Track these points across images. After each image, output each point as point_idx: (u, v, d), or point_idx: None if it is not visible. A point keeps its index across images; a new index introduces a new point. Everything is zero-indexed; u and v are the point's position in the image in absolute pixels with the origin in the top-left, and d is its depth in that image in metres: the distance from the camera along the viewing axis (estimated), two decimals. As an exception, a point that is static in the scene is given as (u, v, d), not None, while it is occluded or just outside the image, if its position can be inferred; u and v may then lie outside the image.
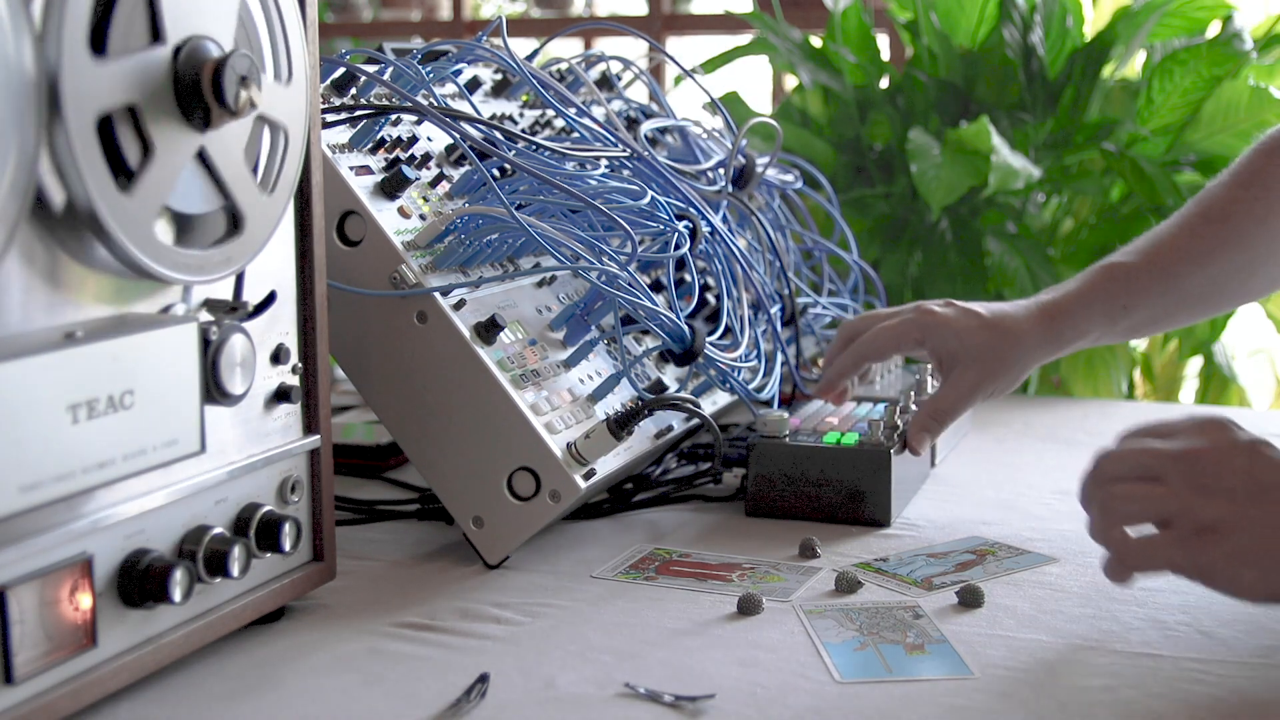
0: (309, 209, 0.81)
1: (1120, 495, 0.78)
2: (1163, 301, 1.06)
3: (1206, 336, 1.83)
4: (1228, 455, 0.77)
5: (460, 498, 0.92)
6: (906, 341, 1.08)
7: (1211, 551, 0.75)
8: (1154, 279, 1.05)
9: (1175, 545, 0.76)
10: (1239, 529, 0.75)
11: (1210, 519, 0.75)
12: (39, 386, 0.59)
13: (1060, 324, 1.06)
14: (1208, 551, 0.76)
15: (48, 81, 0.59)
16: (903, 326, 1.08)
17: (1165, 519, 0.77)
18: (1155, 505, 0.77)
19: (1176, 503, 0.77)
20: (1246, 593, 0.76)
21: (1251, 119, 1.66)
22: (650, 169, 1.12)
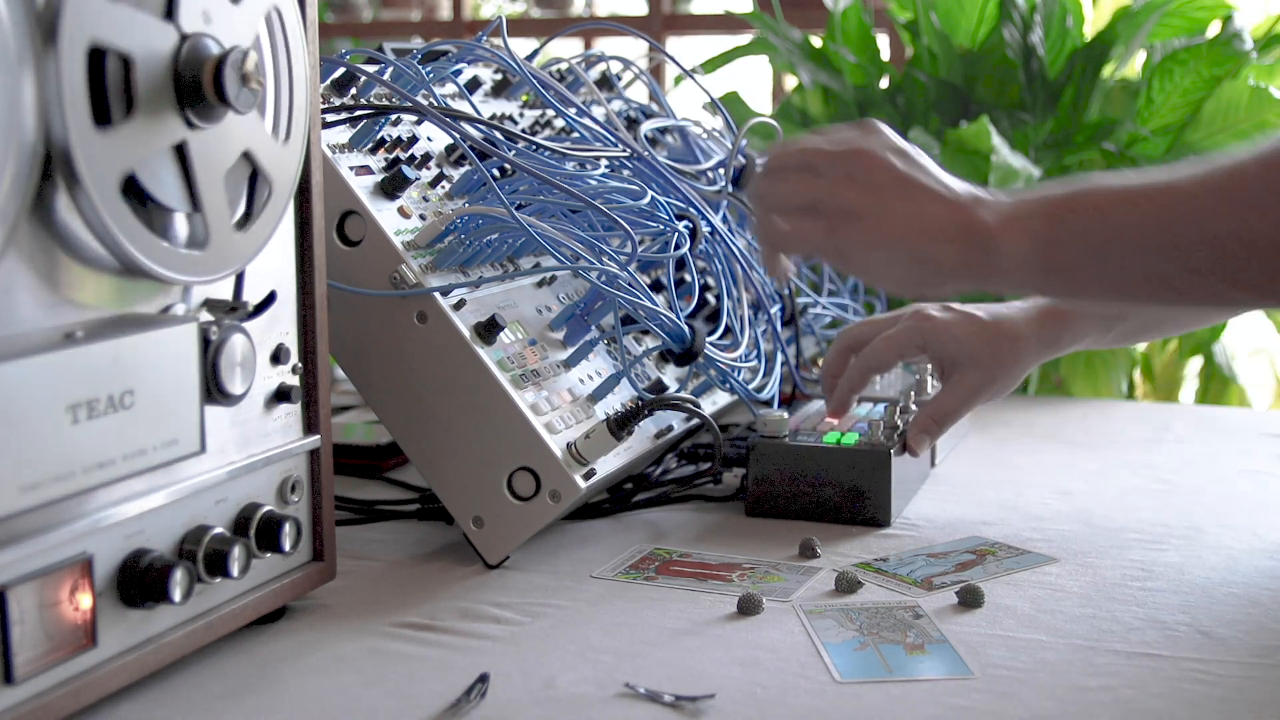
0: (309, 209, 0.81)
1: (778, 186, 0.87)
2: (1152, 311, 1.06)
3: (1206, 336, 1.84)
4: (880, 153, 0.86)
5: (460, 498, 0.92)
6: (909, 349, 1.09)
7: (849, 233, 0.85)
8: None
9: (818, 228, 0.86)
10: (877, 215, 0.84)
11: (853, 205, 0.85)
12: (39, 386, 0.59)
13: (1059, 328, 1.06)
14: (846, 234, 0.85)
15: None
16: (905, 335, 1.08)
17: (814, 205, 0.86)
18: (806, 193, 0.86)
19: (825, 189, 0.86)
20: (877, 274, 0.86)
21: (1251, 119, 1.66)
22: (650, 169, 1.12)
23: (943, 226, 0.85)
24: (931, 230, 0.85)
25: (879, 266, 0.85)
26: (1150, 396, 2.13)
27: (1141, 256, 0.82)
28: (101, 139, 0.63)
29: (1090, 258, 0.83)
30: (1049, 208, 0.84)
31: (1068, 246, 0.83)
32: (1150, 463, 1.24)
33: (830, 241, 0.85)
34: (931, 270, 0.85)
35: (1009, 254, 0.84)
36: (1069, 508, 1.09)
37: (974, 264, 0.85)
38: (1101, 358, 1.77)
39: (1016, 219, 0.84)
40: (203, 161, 0.69)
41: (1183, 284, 0.82)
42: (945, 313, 1.08)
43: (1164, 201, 0.81)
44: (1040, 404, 1.54)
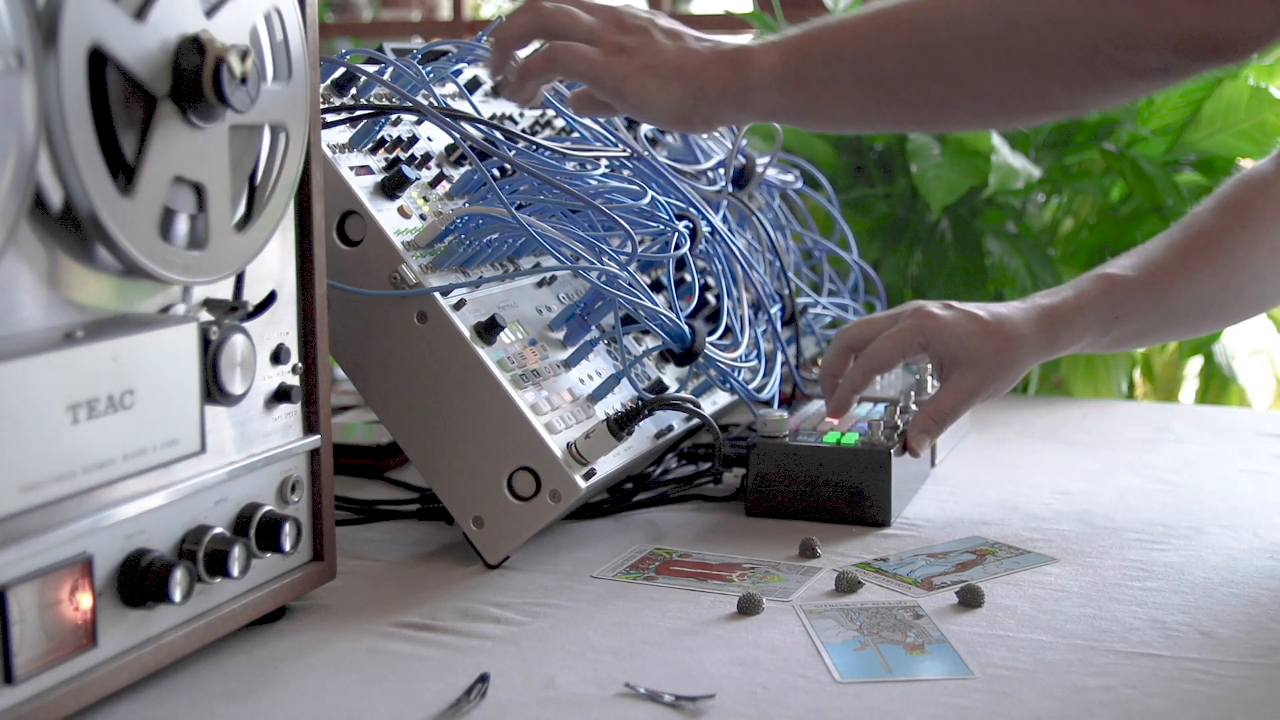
0: (309, 209, 0.81)
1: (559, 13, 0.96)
2: (1151, 317, 1.07)
3: (1207, 337, 1.83)
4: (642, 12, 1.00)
5: (460, 498, 0.92)
6: (911, 348, 1.09)
7: (626, 65, 0.95)
8: (1146, 295, 1.06)
9: (598, 54, 0.95)
10: (649, 50, 0.96)
11: (628, 43, 0.96)
12: (39, 386, 0.59)
13: (1057, 329, 1.06)
14: (621, 65, 0.95)
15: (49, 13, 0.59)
16: (905, 334, 1.08)
17: (592, 40, 0.96)
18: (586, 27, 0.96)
19: (602, 29, 0.96)
20: (649, 100, 0.96)
21: (1251, 119, 1.65)
22: (650, 169, 1.12)
23: (707, 54, 0.97)
24: (698, 56, 0.97)
25: (651, 93, 0.96)
26: (1150, 396, 2.13)
27: (868, 58, 0.95)
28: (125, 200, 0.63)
29: (828, 66, 0.97)
30: (797, 31, 0.98)
31: (810, 56, 0.97)
32: (1150, 463, 1.24)
33: (608, 71, 0.94)
34: (697, 93, 0.96)
35: (762, 67, 0.97)
36: (1069, 508, 1.09)
37: (734, 83, 0.97)
38: (1101, 357, 1.78)
39: (770, 43, 0.98)
40: (202, 162, 0.69)
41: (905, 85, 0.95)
42: (946, 311, 1.08)
43: (886, 9, 0.95)
44: (1040, 404, 1.54)
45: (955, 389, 1.07)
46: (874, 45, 0.96)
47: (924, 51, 0.94)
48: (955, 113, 1.00)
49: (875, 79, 0.96)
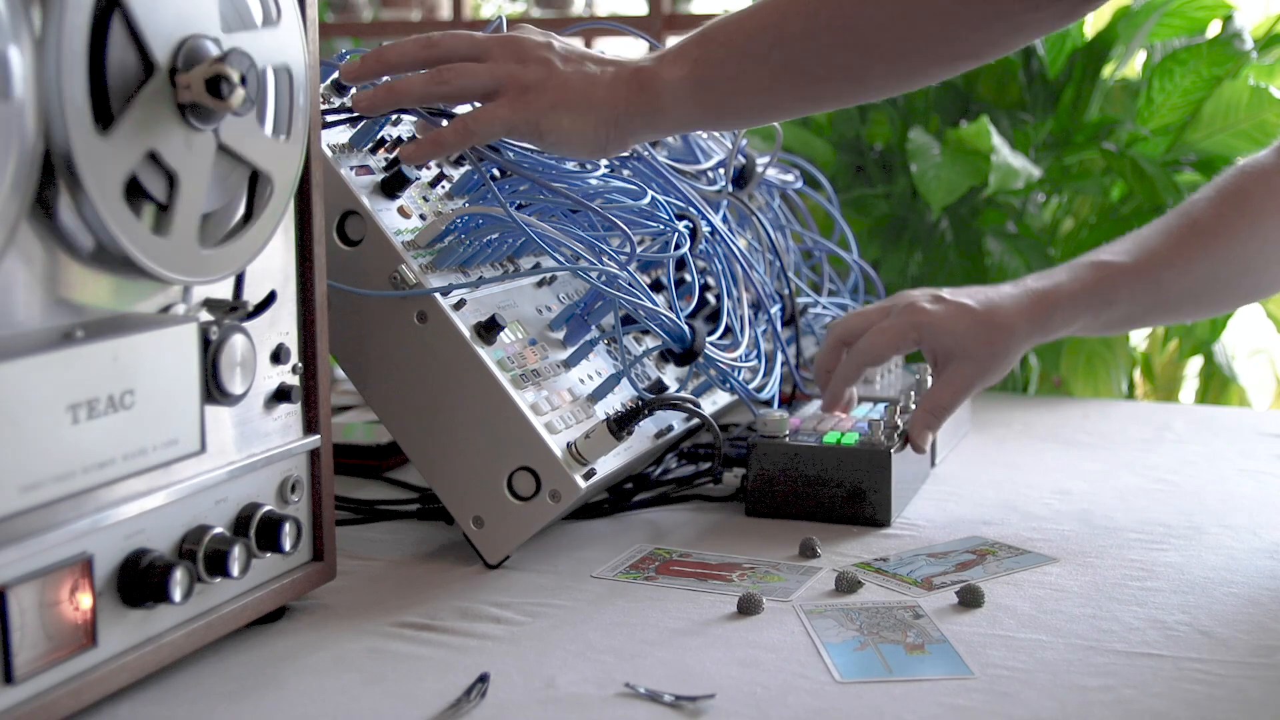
0: (309, 209, 0.81)
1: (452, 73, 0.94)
2: (1144, 302, 1.08)
3: (1207, 336, 1.84)
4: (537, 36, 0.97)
5: (460, 498, 0.92)
6: (904, 344, 1.09)
7: (536, 104, 0.93)
8: (1139, 281, 1.06)
9: (505, 106, 0.93)
10: (555, 84, 0.93)
11: (530, 79, 0.93)
12: (39, 386, 0.59)
13: (1050, 315, 1.07)
14: (532, 105, 0.93)
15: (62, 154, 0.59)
16: (898, 329, 1.09)
17: (495, 90, 0.93)
18: (484, 77, 0.93)
19: (504, 70, 0.93)
20: (566, 135, 0.94)
21: (1251, 119, 1.66)
22: (650, 169, 1.12)
23: (611, 80, 0.96)
24: (603, 84, 0.95)
25: (566, 129, 0.94)
26: (1150, 396, 2.13)
27: (775, 46, 0.95)
28: (102, 140, 0.63)
29: (734, 66, 0.96)
30: (695, 38, 0.98)
31: (714, 60, 0.96)
32: (1150, 463, 1.24)
33: (520, 115, 0.93)
34: (611, 121, 0.95)
35: (670, 81, 0.96)
36: (1069, 508, 1.09)
37: (645, 104, 0.96)
38: (1101, 358, 1.78)
39: (670, 56, 0.97)
40: (182, 154, 0.69)
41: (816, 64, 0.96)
42: (937, 304, 1.09)
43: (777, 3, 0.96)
44: (1040, 404, 1.54)
45: (951, 383, 1.07)
46: (778, 33, 0.96)
47: (829, 27, 0.95)
48: (870, 80, 1.00)
49: (785, 66, 0.96)
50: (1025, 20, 0.94)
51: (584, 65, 0.96)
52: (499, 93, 0.93)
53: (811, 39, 0.95)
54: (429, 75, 0.94)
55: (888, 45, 0.95)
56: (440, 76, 0.94)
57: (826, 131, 1.85)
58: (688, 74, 0.96)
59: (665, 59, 0.97)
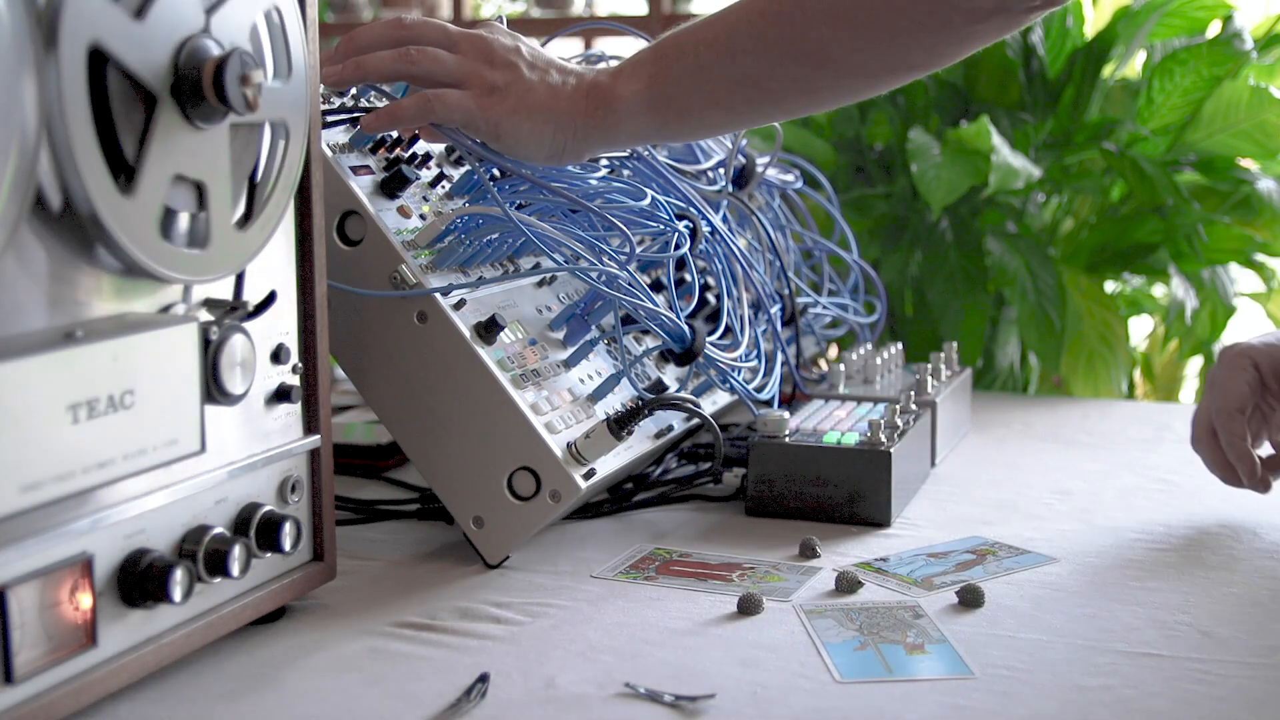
0: (309, 209, 0.81)
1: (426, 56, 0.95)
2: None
3: (1207, 336, 1.83)
4: (507, 39, 0.98)
5: (460, 498, 0.92)
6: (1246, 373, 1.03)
7: (499, 107, 0.95)
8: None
9: (470, 98, 0.94)
10: (519, 89, 0.95)
11: (496, 81, 0.95)
12: (39, 386, 0.59)
13: None
14: (496, 108, 0.95)
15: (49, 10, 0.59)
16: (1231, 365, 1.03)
17: (460, 82, 0.95)
18: (451, 67, 0.95)
19: (471, 69, 0.95)
20: (523, 142, 0.96)
21: (1251, 119, 1.66)
22: (650, 169, 1.12)
23: (572, 92, 0.97)
24: (564, 95, 0.97)
25: (525, 135, 0.96)
26: (1150, 396, 2.13)
27: (729, 59, 0.96)
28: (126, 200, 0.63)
29: (690, 80, 0.97)
30: (649, 53, 0.99)
31: (671, 74, 0.97)
32: (1150, 463, 1.24)
33: (484, 114, 0.95)
34: (568, 132, 0.97)
35: (626, 97, 0.97)
36: (1069, 508, 1.09)
37: (602, 118, 0.97)
38: (1101, 358, 1.78)
39: (626, 70, 0.98)
40: (203, 161, 0.69)
41: (769, 77, 0.97)
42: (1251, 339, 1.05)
43: (734, 8, 0.97)
44: (1040, 404, 1.54)
45: None
46: (732, 46, 0.97)
47: (780, 40, 0.95)
48: (821, 92, 1.00)
49: (739, 79, 0.97)
50: (969, 32, 0.95)
51: (548, 74, 0.98)
52: (463, 85, 0.95)
53: (763, 53, 0.96)
54: (397, 53, 0.96)
55: (836, 59, 0.96)
56: (408, 56, 0.95)
57: (826, 132, 1.85)
58: (643, 88, 0.98)
59: (623, 73, 0.99)
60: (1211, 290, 1.76)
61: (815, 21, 0.94)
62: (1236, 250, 1.75)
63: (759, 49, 0.96)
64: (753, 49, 0.96)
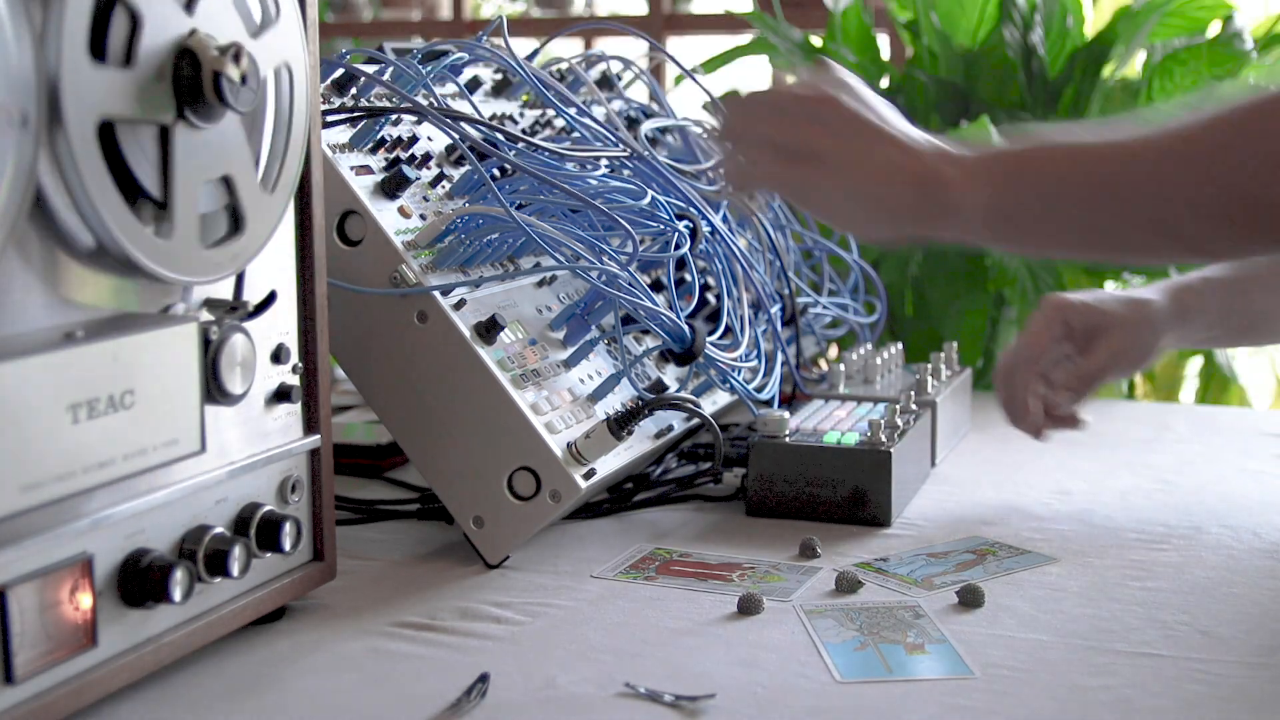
0: (309, 209, 0.81)
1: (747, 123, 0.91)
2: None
3: (1206, 336, 1.83)
4: (846, 99, 0.91)
5: (460, 498, 0.92)
6: (1055, 330, 1.08)
7: (812, 173, 0.89)
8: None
9: (781, 165, 0.90)
10: (838, 157, 0.89)
11: (816, 146, 0.90)
12: (39, 386, 0.59)
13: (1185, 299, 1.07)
14: (809, 173, 0.90)
15: (48, 87, 0.59)
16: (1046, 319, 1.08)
17: (781, 145, 0.91)
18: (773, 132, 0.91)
19: (791, 130, 0.91)
20: (836, 214, 0.93)
21: (1252, 119, 1.65)
22: (650, 169, 1.12)
23: (901, 172, 0.90)
24: (891, 174, 0.90)
25: (838, 207, 0.91)
26: (1150, 396, 2.13)
27: (1088, 211, 0.88)
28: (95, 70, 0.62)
29: (1041, 210, 0.89)
30: (1005, 162, 0.91)
31: (1021, 198, 0.89)
32: (1150, 463, 1.24)
33: (793, 180, 0.90)
34: (888, 213, 0.91)
35: (964, 203, 0.89)
36: (1069, 508, 1.09)
37: (928, 210, 0.90)
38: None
39: (974, 171, 0.90)
40: (223, 155, 0.69)
41: (1123, 240, 0.88)
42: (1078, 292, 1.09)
43: (1113, 161, 0.87)
44: (1040, 404, 1.53)
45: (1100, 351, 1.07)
46: (1094, 204, 0.88)
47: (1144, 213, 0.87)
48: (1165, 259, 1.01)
49: (1093, 232, 0.89)
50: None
51: (877, 143, 0.90)
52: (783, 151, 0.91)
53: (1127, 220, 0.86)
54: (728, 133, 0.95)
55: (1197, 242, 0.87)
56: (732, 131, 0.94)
57: (826, 131, 1.84)
58: (987, 201, 0.89)
59: (966, 169, 0.90)
60: (1211, 290, 1.76)
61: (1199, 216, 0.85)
62: (1236, 250, 1.75)
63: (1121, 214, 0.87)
64: (1115, 212, 0.87)
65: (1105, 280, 1.82)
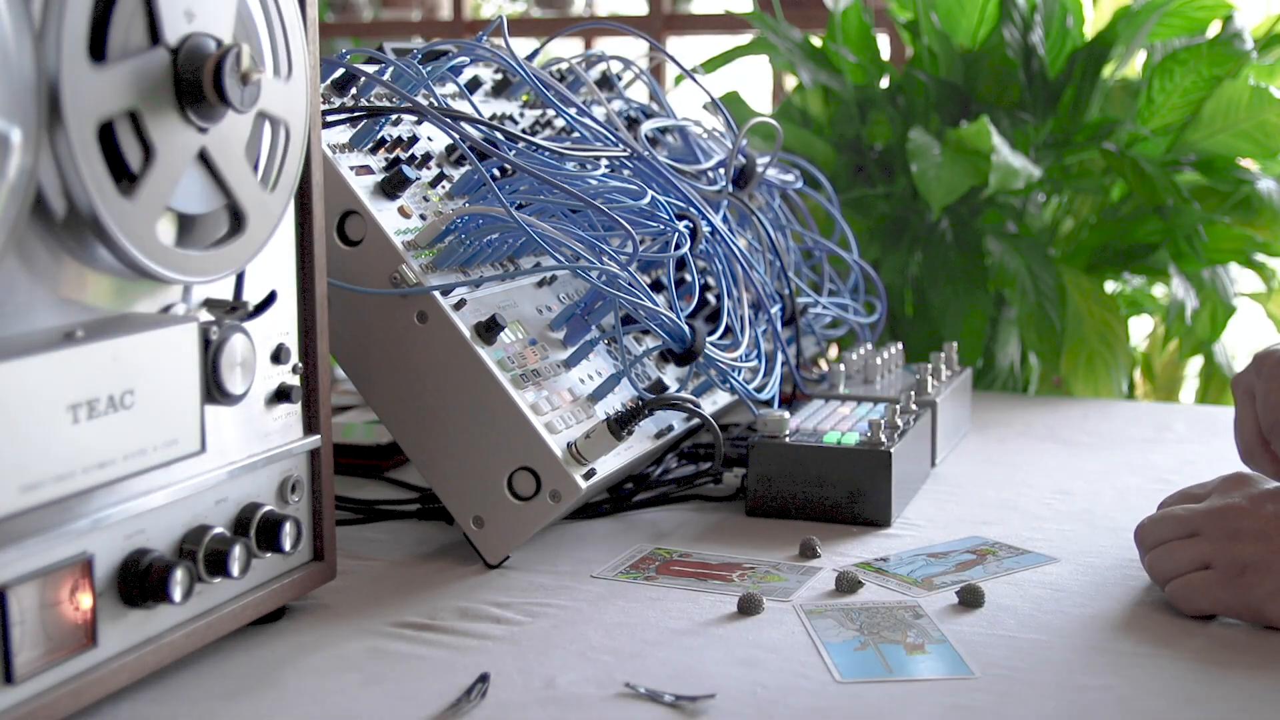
0: (309, 209, 0.81)
1: (1164, 553, 0.86)
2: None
3: (1207, 336, 1.84)
4: (1257, 503, 0.85)
5: (460, 498, 0.92)
6: None
7: (1255, 590, 0.82)
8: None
9: (1219, 586, 0.83)
10: (1277, 565, 0.82)
11: (1248, 558, 0.83)
12: (39, 386, 0.59)
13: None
14: (1252, 590, 0.82)
15: (48, 86, 0.59)
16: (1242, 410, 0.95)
17: (1206, 564, 0.84)
18: (1194, 554, 0.85)
19: (1213, 549, 0.84)
20: None
21: (1251, 119, 1.66)
22: (650, 169, 1.12)
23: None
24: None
25: None
26: (1151, 396, 2.13)
27: None
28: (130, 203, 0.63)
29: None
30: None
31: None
32: (1150, 463, 1.24)
33: (1237, 599, 0.83)
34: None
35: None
36: (1069, 508, 1.09)
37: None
38: (1101, 358, 1.78)
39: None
40: (224, 152, 0.69)
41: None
42: None
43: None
44: (1040, 404, 1.54)
45: None
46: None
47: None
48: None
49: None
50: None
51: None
52: (1211, 566, 0.84)
53: None
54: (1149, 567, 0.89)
55: None
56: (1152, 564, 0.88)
57: (827, 132, 1.85)
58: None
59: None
60: (1211, 290, 1.76)
61: None
62: (1236, 250, 1.75)
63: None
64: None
65: (1105, 279, 1.82)
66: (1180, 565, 0.85)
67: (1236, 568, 0.83)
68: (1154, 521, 0.89)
